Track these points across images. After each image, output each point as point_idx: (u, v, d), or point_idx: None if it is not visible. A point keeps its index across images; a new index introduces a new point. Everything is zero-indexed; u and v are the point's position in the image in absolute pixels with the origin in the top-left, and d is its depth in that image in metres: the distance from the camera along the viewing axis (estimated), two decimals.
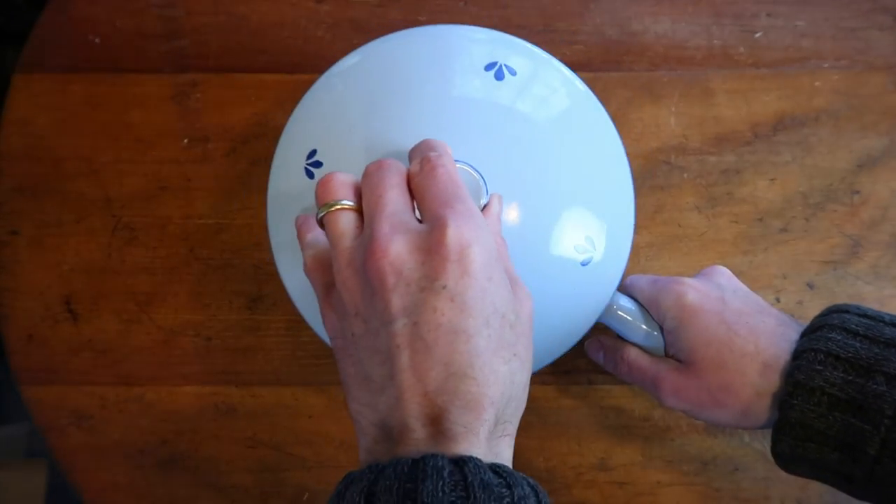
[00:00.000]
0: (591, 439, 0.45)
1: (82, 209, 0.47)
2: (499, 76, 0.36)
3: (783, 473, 0.44)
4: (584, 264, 0.36)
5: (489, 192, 0.33)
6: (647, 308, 0.39)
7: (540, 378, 0.45)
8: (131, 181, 0.47)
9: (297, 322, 0.46)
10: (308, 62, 0.49)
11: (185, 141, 0.48)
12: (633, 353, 0.39)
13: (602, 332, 0.41)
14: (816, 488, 0.44)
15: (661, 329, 0.38)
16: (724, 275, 0.39)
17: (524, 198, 0.35)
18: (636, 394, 0.45)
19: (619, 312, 0.39)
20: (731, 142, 0.48)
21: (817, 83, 0.49)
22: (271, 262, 0.46)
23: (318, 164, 0.36)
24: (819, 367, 0.32)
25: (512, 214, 0.35)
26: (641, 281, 0.40)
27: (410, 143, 0.33)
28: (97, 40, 0.49)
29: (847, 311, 0.34)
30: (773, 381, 0.34)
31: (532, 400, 0.45)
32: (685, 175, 0.47)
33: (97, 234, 0.47)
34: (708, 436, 0.45)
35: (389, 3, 0.50)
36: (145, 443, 0.45)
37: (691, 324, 0.36)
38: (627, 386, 0.45)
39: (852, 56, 0.49)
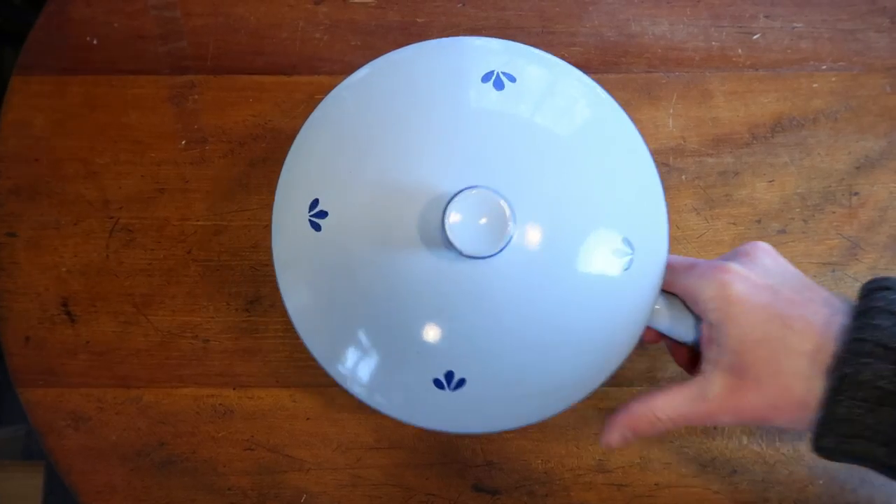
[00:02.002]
0: (590, 441, 0.45)
1: (80, 211, 0.47)
2: (498, 85, 0.34)
3: (781, 476, 0.44)
4: (626, 268, 0.33)
5: (517, 219, 0.30)
6: (682, 298, 0.35)
7: None
8: (129, 183, 0.47)
9: None
10: (306, 64, 0.49)
11: (183, 142, 0.48)
12: (666, 408, 0.34)
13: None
14: (815, 490, 0.44)
15: (697, 320, 0.35)
16: (769, 253, 0.35)
17: (552, 210, 0.33)
18: (635, 395, 0.45)
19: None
20: (730, 143, 0.48)
21: (815, 85, 0.49)
22: (269, 264, 0.46)
23: (322, 215, 0.33)
24: (867, 360, 0.30)
25: (541, 229, 0.32)
26: (676, 264, 0.35)
27: (417, 177, 0.32)
28: (95, 42, 0.49)
29: (890, 289, 0.31)
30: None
31: None
32: (683, 177, 0.47)
33: (95, 235, 0.47)
34: (706, 438, 0.45)
35: (388, 5, 0.50)
36: (143, 445, 0.45)
37: (739, 320, 0.32)
38: (626, 388, 0.45)
39: (850, 58, 0.49)
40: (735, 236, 0.47)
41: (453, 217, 0.30)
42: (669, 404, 0.34)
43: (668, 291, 0.36)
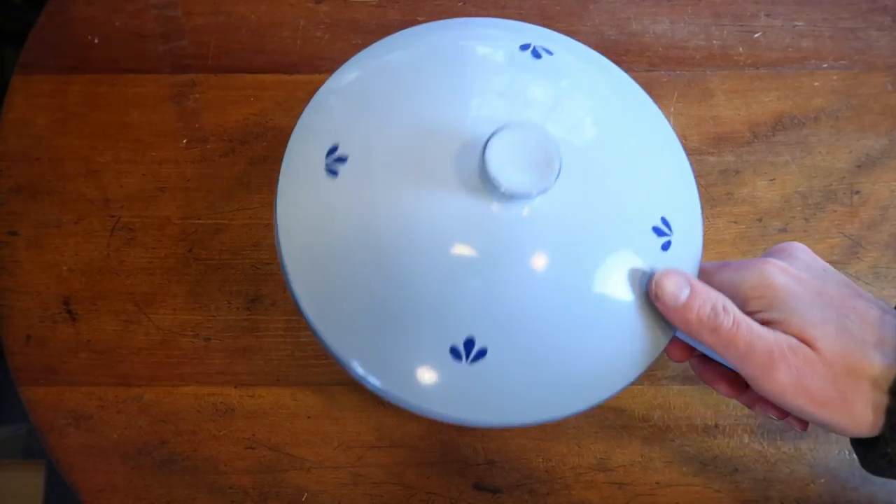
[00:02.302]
0: (591, 440, 0.45)
1: (81, 209, 0.47)
2: (535, 55, 0.33)
3: (783, 474, 0.44)
4: (663, 249, 0.31)
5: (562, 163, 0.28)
6: None
7: None
8: (130, 181, 0.47)
9: (295, 322, 0.46)
10: (307, 62, 0.49)
11: (184, 141, 0.48)
12: (739, 312, 0.30)
13: None
14: (816, 489, 0.44)
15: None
16: (806, 252, 0.32)
17: (593, 172, 0.31)
18: (636, 395, 0.45)
19: None
20: (731, 142, 0.48)
21: (816, 83, 0.49)
22: (270, 263, 0.46)
23: (342, 160, 0.30)
24: None
25: (582, 189, 0.30)
26: (707, 266, 0.33)
27: (453, 121, 0.30)
28: (96, 41, 0.49)
29: None
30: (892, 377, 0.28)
31: None
32: None
33: (96, 234, 0.47)
34: (707, 436, 0.45)
35: (388, 4, 0.50)
36: (144, 443, 0.45)
37: (787, 304, 0.29)
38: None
39: (851, 56, 0.49)
40: (736, 235, 0.47)
41: (495, 150, 0.27)
42: (742, 313, 0.30)
43: None
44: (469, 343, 0.29)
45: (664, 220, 0.32)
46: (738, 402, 0.45)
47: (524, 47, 0.33)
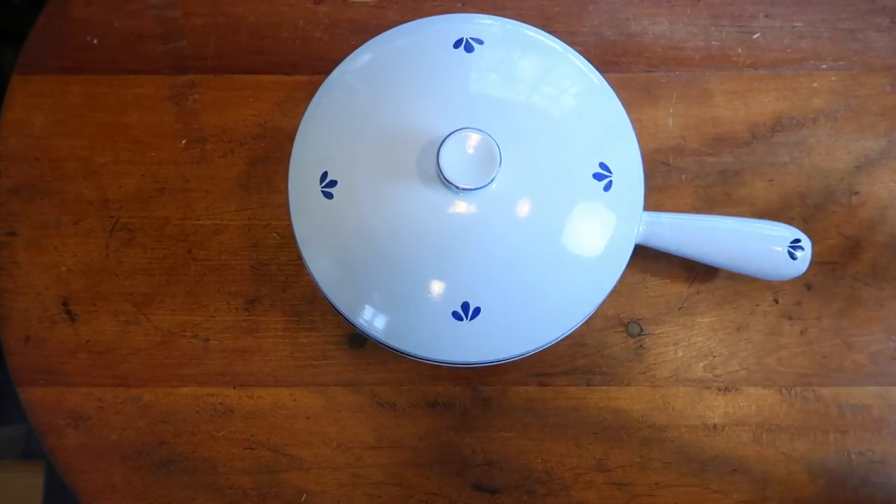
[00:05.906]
0: (590, 440, 0.45)
1: (80, 210, 0.47)
2: (468, 49, 0.38)
3: (781, 475, 0.44)
4: (606, 189, 0.37)
5: (503, 157, 0.34)
6: None
7: (538, 379, 0.45)
8: (129, 182, 0.47)
9: (295, 323, 0.46)
10: (306, 63, 0.49)
11: (183, 142, 0.48)
12: None
13: None
14: (815, 489, 0.44)
15: None
16: None
17: (532, 146, 0.36)
18: (634, 395, 0.45)
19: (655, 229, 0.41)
20: (730, 143, 0.48)
21: (815, 84, 0.49)
22: (268, 264, 0.46)
23: (333, 184, 0.36)
24: None
25: (525, 162, 0.36)
26: None
27: (410, 132, 0.36)
28: (95, 41, 0.49)
29: None
30: None
31: (530, 401, 0.45)
32: (683, 176, 0.47)
33: (95, 235, 0.47)
34: (706, 437, 0.45)
35: (387, 5, 0.50)
36: (143, 444, 0.45)
37: None
38: (624, 387, 0.45)
39: (850, 57, 0.49)
40: None
41: (446, 156, 0.33)
42: None
43: None
44: (465, 306, 0.36)
45: (603, 165, 0.37)
46: (737, 404, 0.45)
47: (457, 43, 0.38)
